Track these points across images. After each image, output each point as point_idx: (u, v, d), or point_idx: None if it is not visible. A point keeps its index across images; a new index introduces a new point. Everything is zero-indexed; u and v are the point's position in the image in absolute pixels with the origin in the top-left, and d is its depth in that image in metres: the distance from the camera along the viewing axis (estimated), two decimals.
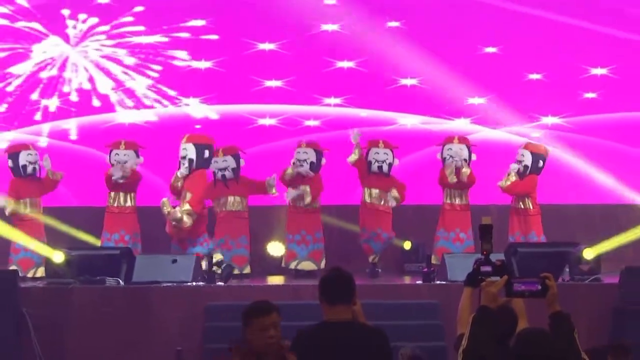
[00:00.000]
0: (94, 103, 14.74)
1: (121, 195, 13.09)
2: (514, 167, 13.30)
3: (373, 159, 13.22)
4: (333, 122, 14.90)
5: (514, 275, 11.22)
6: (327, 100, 14.98)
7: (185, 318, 9.88)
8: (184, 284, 10.97)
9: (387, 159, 13.22)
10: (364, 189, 13.29)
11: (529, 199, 13.34)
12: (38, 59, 14.74)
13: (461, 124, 14.99)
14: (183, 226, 12.50)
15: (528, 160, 13.40)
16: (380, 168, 13.19)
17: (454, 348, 5.60)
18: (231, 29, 14.86)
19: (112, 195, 13.12)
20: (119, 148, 13.16)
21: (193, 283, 11.13)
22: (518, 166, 13.31)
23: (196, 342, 10.04)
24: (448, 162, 13.20)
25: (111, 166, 13.11)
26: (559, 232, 13.69)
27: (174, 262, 11.19)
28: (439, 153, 13.46)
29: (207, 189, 12.96)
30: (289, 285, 12.10)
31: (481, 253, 5.44)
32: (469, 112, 15.03)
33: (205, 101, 14.87)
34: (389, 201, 12.98)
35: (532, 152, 13.46)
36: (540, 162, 13.45)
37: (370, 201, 13.23)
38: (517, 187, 13.29)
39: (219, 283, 11.48)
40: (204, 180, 12.99)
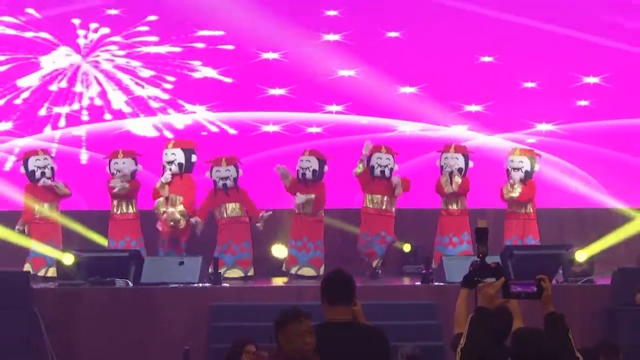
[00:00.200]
0: (105, 114, 14.74)
1: (123, 203, 13.09)
2: (517, 176, 13.17)
3: (376, 164, 13.17)
4: (334, 129, 14.89)
5: (510, 277, 11.23)
6: (329, 107, 14.95)
7: (191, 318, 9.91)
8: (191, 285, 10.97)
9: (389, 164, 13.19)
10: (366, 196, 13.24)
11: (530, 204, 13.29)
12: (48, 69, 14.72)
13: (458, 131, 14.96)
14: (179, 226, 12.56)
15: (527, 165, 13.33)
16: (382, 172, 13.13)
17: (451, 347, 5.59)
18: (236, 39, 14.83)
19: (115, 203, 13.12)
20: (118, 157, 13.15)
21: (199, 284, 11.12)
22: (520, 174, 13.22)
23: (202, 342, 9.99)
24: (444, 172, 13.17)
25: (111, 175, 13.11)
26: (554, 236, 13.70)
27: (181, 264, 11.19)
28: (438, 160, 13.44)
29: (208, 197, 13.04)
30: (292, 286, 12.09)
31: (477, 256, 5.44)
32: (466, 119, 14.99)
33: (211, 109, 14.85)
34: (394, 185, 12.95)
35: (529, 157, 13.41)
36: (536, 166, 13.42)
37: (372, 206, 13.17)
38: (526, 195, 13.22)
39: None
40: (193, 184, 13.10)
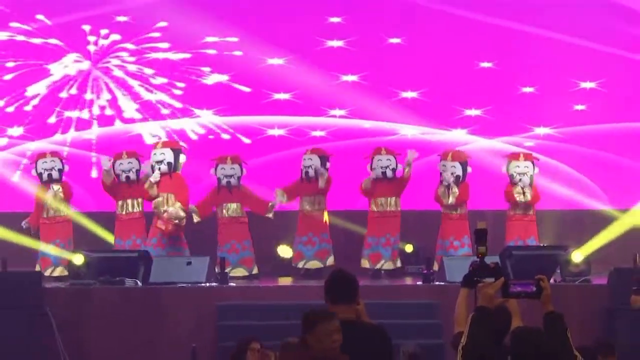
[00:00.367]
0: (115, 119, 14.79)
1: (128, 202, 13.05)
2: (527, 181, 13.09)
3: (377, 166, 13.15)
4: (338, 133, 14.89)
5: (509, 277, 11.19)
6: (333, 112, 14.96)
7: (198, 317, 9.91)
8: (198, 285, 10.98)
9: (391, 164, 13.14)
10: (371, 201, 13.21)
11: (533, 206, 13.26)
12: (58, 76, 14.75)
13: (458, 135, 14.96)
14: (182, 224, 12.62)
15: (531, 170, 13.29)
16: (384, 173, 13.10)
17: (452, 346, 5.59)
18: (242, 46, 14.84)
19: (120, 203, 13.07)
20: (122, 158, 13.13)
21: (206, 284, 11.12)
22: (528, 180, 13.14)
23: (209, 341, 9.93)
24: (441, 183, 13.11)
25: (116, 177, 13.07)
26: (553, 237, 13.70)
27: (189, 264, 11.19)
28: (438, 164, 13.42)
29: (211, 194, 13.04)
30: (296, 286, 12.13)
31: (476, 256, 5.43)
32: (466, 123, 14.99)
33: (217, 113, 14.87)
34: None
35: (532, 162, 13.36)
36: (536, 170, 13.40)
37: (377, 209, 13.16)
38: (536, 198, 13.20)
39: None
40: (184, 183, 13.07)
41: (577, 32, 14.86)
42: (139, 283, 11.06)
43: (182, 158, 13.15)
